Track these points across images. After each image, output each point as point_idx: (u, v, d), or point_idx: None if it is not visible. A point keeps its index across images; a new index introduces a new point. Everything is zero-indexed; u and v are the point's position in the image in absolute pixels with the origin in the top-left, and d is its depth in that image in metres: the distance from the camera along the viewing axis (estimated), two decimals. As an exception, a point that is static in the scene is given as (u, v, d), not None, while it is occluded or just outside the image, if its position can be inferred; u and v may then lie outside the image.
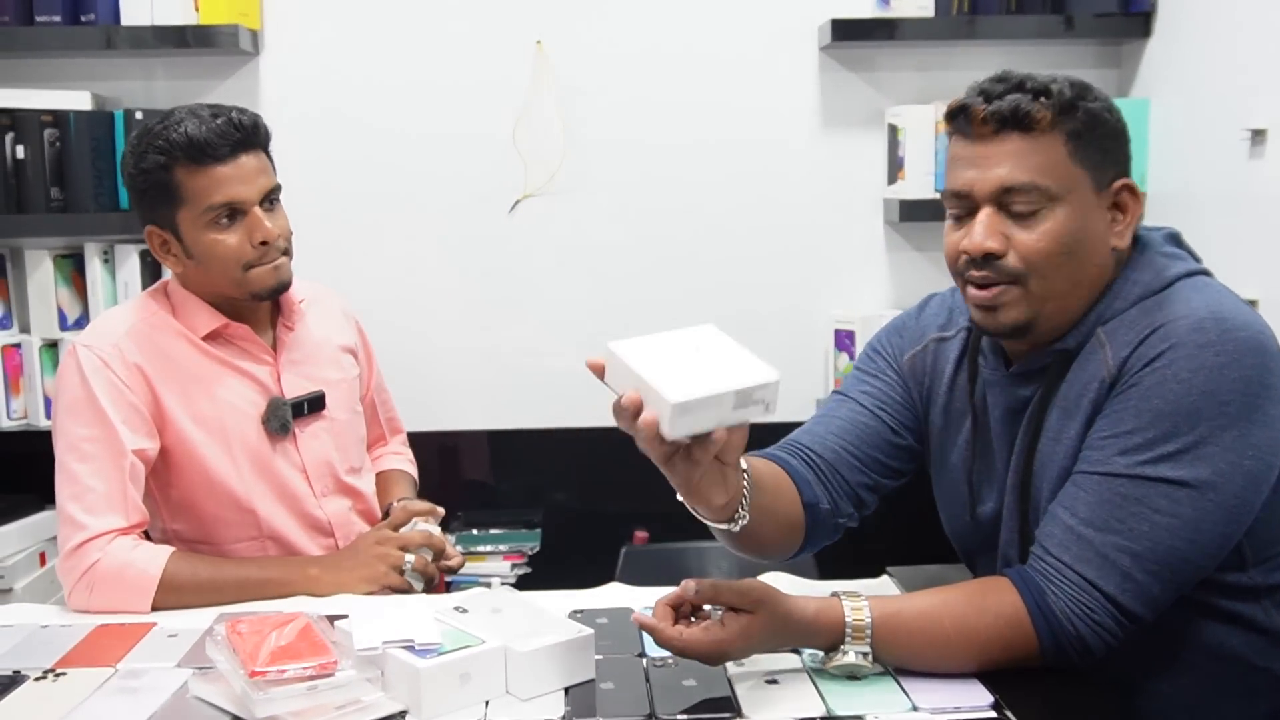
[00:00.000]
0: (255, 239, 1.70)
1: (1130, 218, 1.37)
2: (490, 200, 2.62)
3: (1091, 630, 1.27)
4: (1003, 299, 1.35)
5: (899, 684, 1.29)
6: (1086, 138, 1.33)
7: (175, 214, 1.70)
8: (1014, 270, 1.34)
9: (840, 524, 1.55)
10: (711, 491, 1.29)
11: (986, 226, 1.34)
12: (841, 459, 1.54)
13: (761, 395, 1.17)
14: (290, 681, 1.20)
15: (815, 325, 2.67)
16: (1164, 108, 2.43)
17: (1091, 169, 1.34)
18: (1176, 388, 1.27)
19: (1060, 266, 1.34)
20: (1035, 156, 1.32)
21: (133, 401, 1.68)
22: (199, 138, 1.66)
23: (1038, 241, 1.33)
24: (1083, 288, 1.36)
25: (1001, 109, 1.32)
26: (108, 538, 1.61)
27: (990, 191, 1.33)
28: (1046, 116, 1.31)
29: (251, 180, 1.70)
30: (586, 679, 1.30)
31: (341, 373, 1.91)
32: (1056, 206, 1.33)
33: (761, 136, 2.63)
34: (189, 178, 1.68)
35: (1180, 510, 1.26)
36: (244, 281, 1.73)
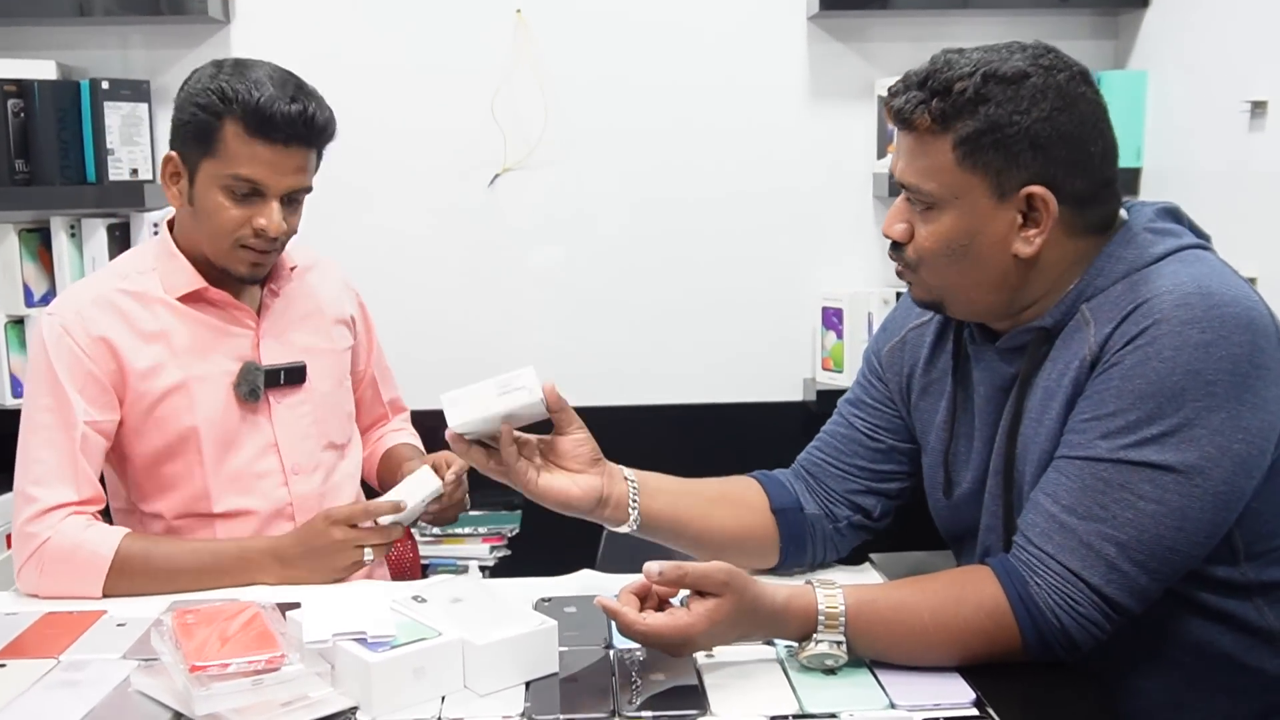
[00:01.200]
0: (256, 224, 1.63)
1: (1044, 226, 1.28)
2: (469, 174, 2.55)
3: (1076, 623, 1.22)
4: (908, 280, 1.38)
5: (876, 678, 1.23)
6: (982, 143, 1.26)
7: (201, 158, 1.63)
8: (909, 260, 1.35)
9: (843, 528, 1.54)
10: (553, 494, 1.36)
11: (894, 212, 1.35)
12: (824, 470, 1.56)
13: (520, 382, 1.30)
14: (233, 677, 1.14)
15: (803, 303, 2.61)
16: (1162, 79, 2.37)
17: (990, 175, 1.27)
18: (1159, 366, 1.21)
19: (947, 267, 1.32)
20: (922, 159, 1.29)
21: (91, 371, 1.62)
22: (267, 111, 1.58)
23: (924, 240, 1.32)
24: (985, 286, 1.33)
25: (893, 105, 1.30)
26: (59, 513, 1.55)
27: (897, 180, 1.33)
28: (925, 122, 1.27)
29: (286, 173, 1.63)
30: (549, 673, 1.24)
31: (330, 343, 1.83)
32: (943, 210, 1.30)
33: (748, 109, 2.56)
34: (235, 139, 1.60)
35: (1166, 497, 1.20)
36: (224, 255, 1.66)
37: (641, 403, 2.62)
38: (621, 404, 2.60)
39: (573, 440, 1.39)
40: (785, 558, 1.53)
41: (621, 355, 2.63)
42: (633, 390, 2.62)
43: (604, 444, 1.52)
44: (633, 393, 2.62)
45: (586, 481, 1.39)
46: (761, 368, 2.63)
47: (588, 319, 2.62)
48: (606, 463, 1.43)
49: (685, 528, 1.47)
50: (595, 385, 2.61)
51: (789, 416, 2.60)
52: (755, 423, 2.62)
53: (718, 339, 2.63)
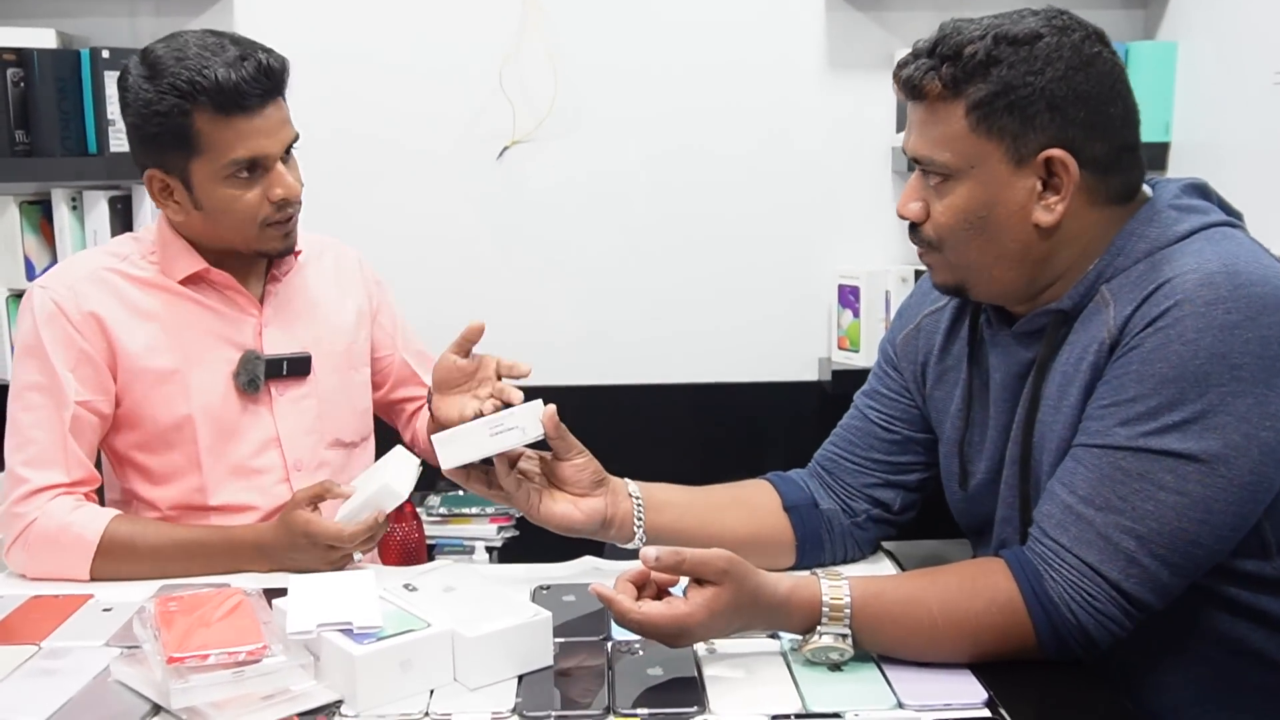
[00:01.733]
0: (275, 195, 1.57)
1: (1065, 192, 1.23)
2: (476, 147, 2.49)
3: (1094, 620, 1.16)
4: (929, 263, 1.33)
5: (883, 675, 1.18)
6: (996, 106, 1.21)
7: (189, 163, 1.55)
8: (928, 238, 1.30)
9: (861, 522, 1.50)
10: (555, 520, 1.36)
11: (909, 190, 1.30)
12: (840, 465, 1.52)
13: (513, 422, 1.30)
14: (212, 669, 1.10)
15: (819, 280, 2.54)
16: (1192, 51, 2.28)
17: (1006, 140, 1.22)
18: (1182, 349, 1.15)
19: (967, 242, 1.26)
20: (935, 128, 1.24)
21: (84, 349, 1.57)
22: (229, 85, 1.49)
23: (942, 215, 1.27)
24: (1004, 261, 1.27)
25: (901, 75, 1.26)
26: (48, 494, 1.52)
27: (909, 156, 1.28)
28: (936, 88, 1.22)
29: (276, 133, 1.56)
30: (542, 666, 1.20)
31: (339, 335, 1.75)
32: (959, 181, 1.24)
33: (764, 80, 2.49)
34: (211, 127, 1.52)
35: (1188, 487, 1.14)
36: (255, 239, 1.60)
37: (653, 382, 2.57)
38: (633, 383, 2.55)
39: (574, 466, 1.37)
40: (802, 556, 1.48)
41: (633, 333, 2.57)
42: (645, 369, 2.57)
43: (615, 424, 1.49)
44: (645, 371, 2.57)
45: (589, 505, 1.37)
46: (776, 347, 2.57)
47: (599, 295, 2.56)
48: (611, 481, 1.40)
49: (694, 539, 1.40)
50: (606, 364, 2.58)
51: (804, 396, 2.54)
52: (770, 403, 2.57)
53: (732, 317, 2.57)
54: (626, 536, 1.40)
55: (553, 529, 1.37)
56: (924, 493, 1.52)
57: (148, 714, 1.12)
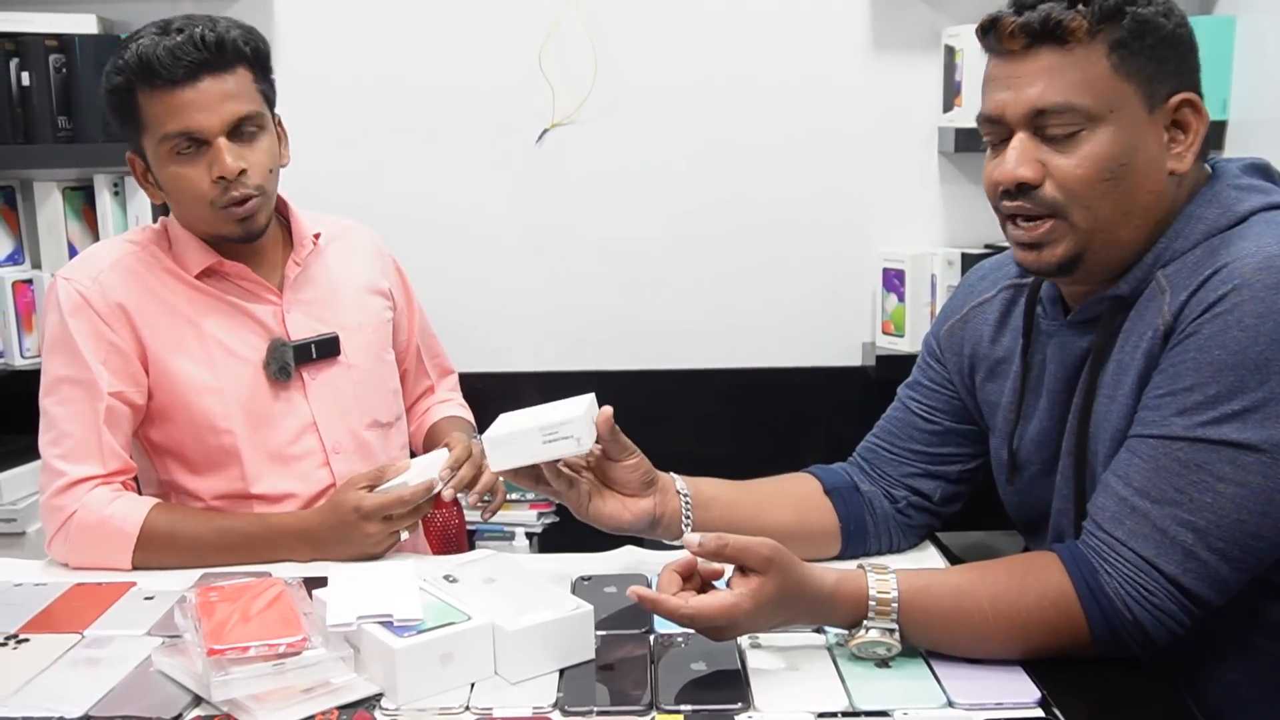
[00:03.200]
0: (212, 174, 1.54)
1: (1193, 138, 1.20)
2: (516, 129, 2.46)
3: (1151, 615, 1.12)
4: (1048, 235, 1.22)
5: (932, 672, 1.15)
6: (1134, 47, 1.17)
7: (141, 140, 1.57)
8: (1052, 201, 1.20)
9: (903, 508, 1.48)
10: (605, 519, 1.34)
11: (1020, 153, 1.20)
12: (879, 455, 1.51)
13: (568, 430, 1.26)
14: (253, 661, 1.09)
15: (863, 264, 2.50)
16: (1251, 26, 2.22)
17: (1142, 83, 1.18)
18: (1240, 336, 1.11)
19: (1105, 195, 1.19)
20: (1072, 72, 1.17)
21: (113, 341, 1.57)
22: (149, 56, 1.49)
23: (1076, 168, 1.18)
24: (1135, 217, 1.21)
25: (1032, 20, 1.18)
26: (86, 485, 1.52)
27: (1023, 114, 1.20)
28: (1082, 26, 1.16)
29: (212, 107, 1.52)
30: (584, 660, 1.18)
31: (364, 316, 1.75)
32: (1098, 127, 1.18)
33: (807, 59, 2.44)
34: (147, 101, 1.53)
35: (1248, 478, 1.10)
36: (210, 222, 1.58)
37: (694, 367, 2.54)
38: (673, 368, 2.52)
39: (625, 468, 1.35)
40: (847, 542, 1.46)
41: (675, 317, 2.54)
42: (686, 354, 2.54)
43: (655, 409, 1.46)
44: (686, 356, 2.54)
45: (638, 506, 1.35)
46: (820, 331, 2.53)
47: (640, 279, 2.54)
48: (660, 479, 1.38)
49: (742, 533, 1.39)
50: (648, 349, 2.56)
51: (848, 382, 2.50)
52: (813, 388, 2.53)
53: (774, 301, 2.53)
54: (675, 534, 1.38)
55: (603, 528, 1.36)
56: (967, 485, 1.49)
57: (189, 705, 1.11)
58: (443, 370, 1.99)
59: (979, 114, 1.25)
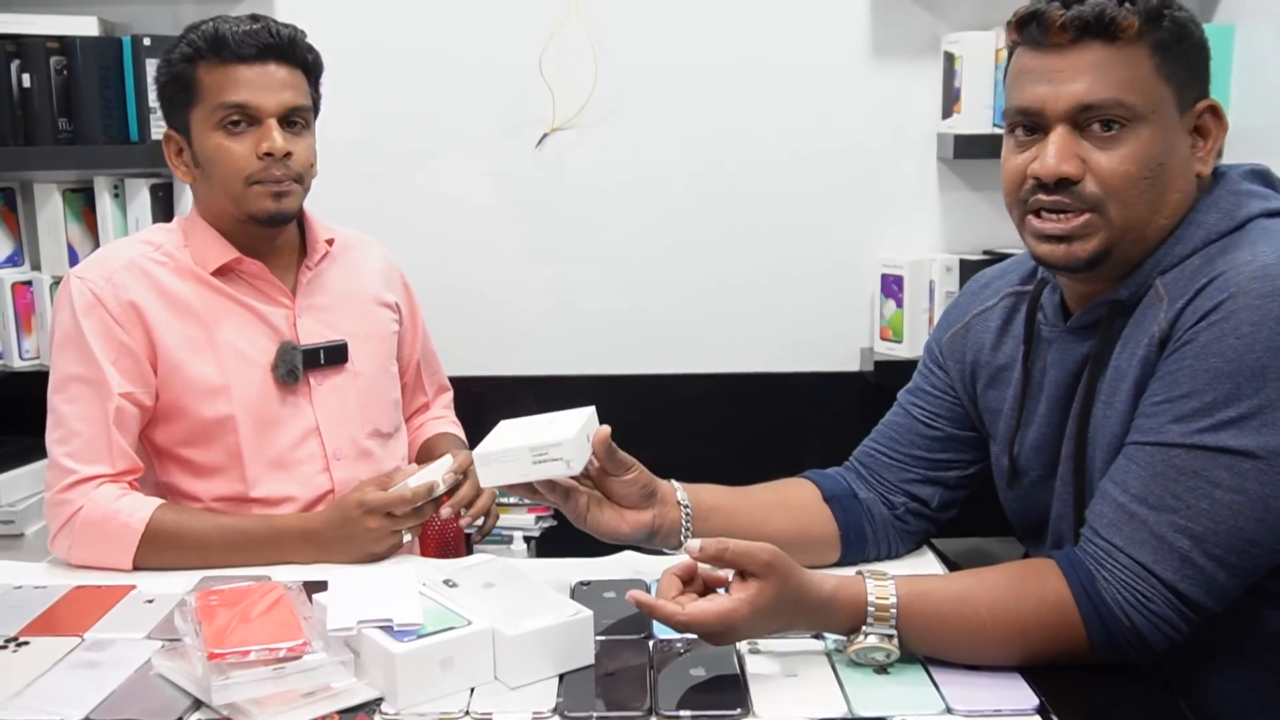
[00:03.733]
0: (261, 149, 1.59)
1: (1212, 143, 1.23)
2: (516, 134, 2.47)
3: (1148, 622, 1.13)
4: (1082, 230, 1.22)
5: (931, 679, 1.15)
6: (1174, 51, 1.19)
7: (189, 112, 1.62)
8: (1092, 197, 1.20)
9: (901, 515, 1.48)
10: (602, 530, 1.35)
11: (1060, 148, 1.20)
12: (878, 461, 1.50)
13: (558, 453, 1.25)
14: (253, 665, 1.09)
15: (861, 269, 2.50)
16: (1250, 34, 2.22)
17: (1177, 86, 1.20)
18: (1237, 343, 1.11)
19: (1143, 193, 1.20)
20: (1120, 69, 1.18)
21: (124, 341, 1.58)
22: (227, 34, 1.58)
23: (1120, 165, 1.19)
24: (1163, 216, 1.22)
25: (1084, 14, 1.18)
26: (94, 483, 1.53)
27: (1066, 109, 1.20)
28: (1134, 24, 1.17)
29: (272, 90, 1.60)
30: (584, 664, 1.18)
31: (372, 326, 1.77)
32: (1140, 126, 1.19)
33: (807, 64, 2.45)
34: (209, 73, 1.59)
35: (1245, 485, 1.11)
36: (242, 198, 1.61)
37: (692, 371, 2.54)
38: (672, 372, 2.52)
39: (623, 483, 1.35)
40: (846, 549, 1.46)
41: (674, 322, 2.54)
42: (685, 358, 2.54)
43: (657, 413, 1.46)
44: (685, 361, 2.54)
45: (635, 518, 1.36)
46: (818, 336, 2.53)
47: (639, 284, 2.54)
48: (660, 490, 1.38)
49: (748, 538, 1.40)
50: (647, 353, 2.56)
51: (846, 387, 2.51)
52: (811, 393, 2.53)
53: (773, 307, 2.53)
54: (674, 545, 1.39)
55: (603, 538, 1.36)
56: (965, 492, 1.50)
57: (189, 709, 1.11)
58: (440, 387, 2.01)
59: (1009, 106, 1.25)
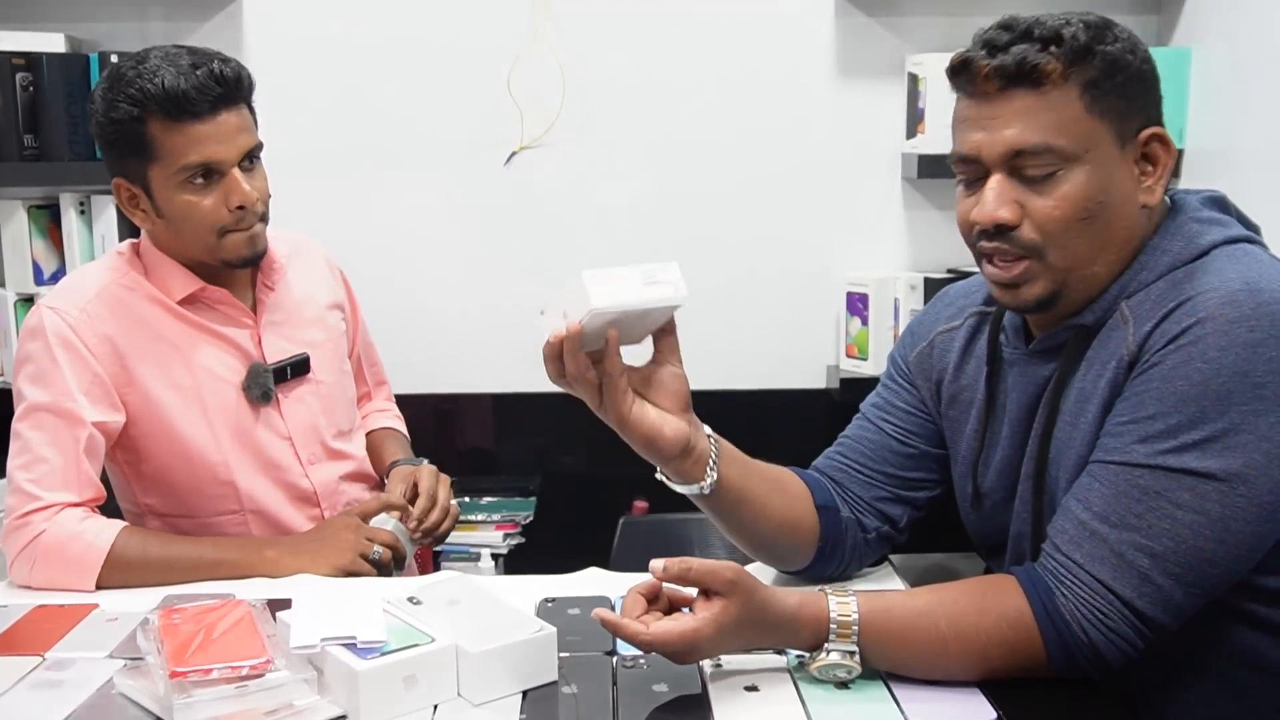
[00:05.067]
0: (232, 203, 1.58)
1: (1161, 170, 1.24)
2: (485, 152, 2.48)
3: (1106, 638, 1.14)
4: (1024, 275, 1.24)
5: (891, 694, 1.16)
6: (1105, 86, 1.19)
7: (147, 170, 1.58)
8: (1030, 243, 1.22)
9: (870, 539, 1.46)
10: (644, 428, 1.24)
11: (997, 195, 1.22)
12: (850, 477, 1.47)
13: (666, 275, 1.20)
14: (216, 683, 1.09)
15: (827, 288, 2.53)
16: (1207, 57, 2.26)
17: (1114, 120, 1.21)
18: (1204, 368, 1.13)
19: (1081, 234, 1.21)
20: (1048, 114, 1.19)
21: (97, 371, 1.58)
22: (176, 91, 1.52)
23: (1055, 209, 1.20)
24: (1110, 251, 1.23)
25: (1006, 64, 1.19)
26: (56, 509, 1.52)
27: (999, 155, 1.21)
28: (1057, 69, 1.18)
29: (231, 139, 1.57)
30: (547, 681, 1.19)
31: (327, 332, 1.80)
32: (1074, 167, 1.20)
33: (773, 86, 2.48)
34: (164, 133, 1.55)
35: (1207, 506, 1.13)
36: (217, 248, 1.61)
37: (661, 388, 2.55)
38: (640, 389, 2.53)
39: (671, 373, 1.27)
40: (816, 559, 1.43)
41: (641, 339, 2.56)
42: (652, 375, 2.55)
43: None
44: (652, 377, 2.55)
45: (677, 424, 1.26)
46: (784, 354, 2.56)
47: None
48: (693, 415, 1.30)
49: (748, 506, 1.37)
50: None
51: (812, 404, 2.53)
52: (777, 410, 2.55)
53: (739, 324, 2.55)
54: (697, 476, 1.30)
55: (633, 438, 1.25)
56: (925, 513, 1.49)
57: (150, 728, 1.11)
58: (379, 380, 2.03)
59: (952, 153, 1.27)
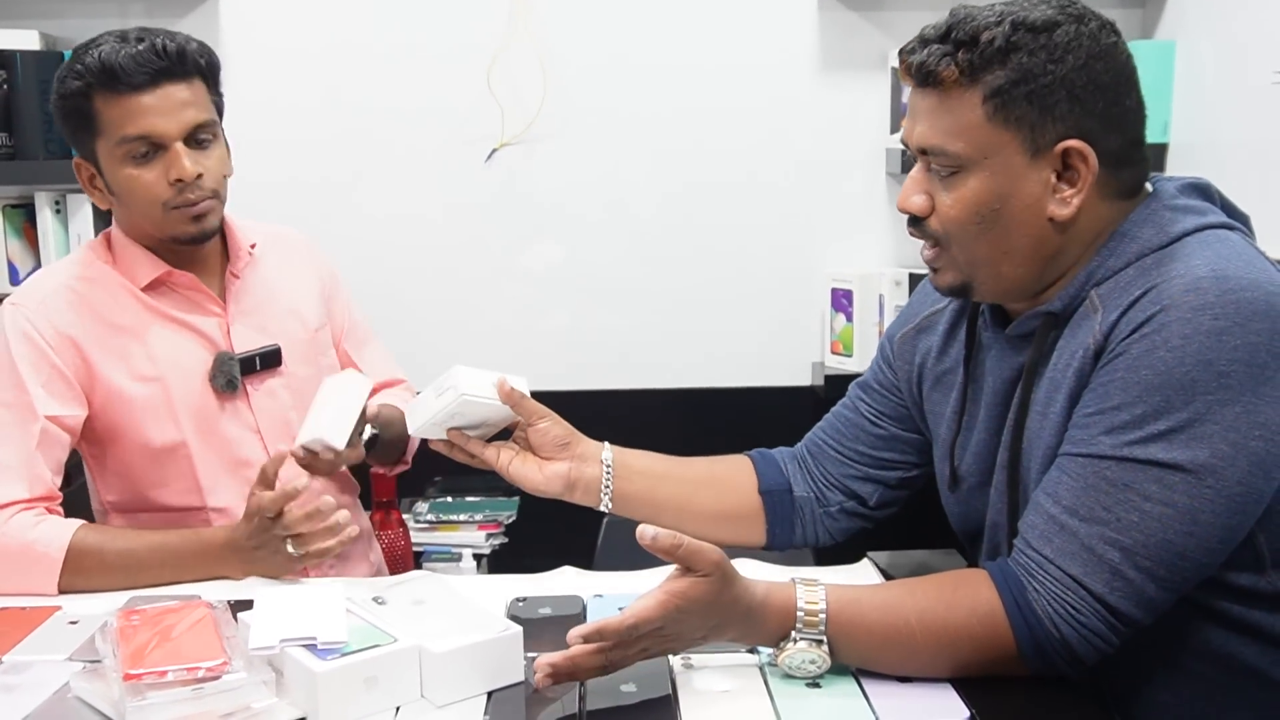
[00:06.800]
0: (170, 175, 1.56)
1: (1082, 185, 1.19)
2: (464, 149, 2.46)
3: (1077, 634, 1.12)
4: (935, 261, 1.28)
5: (863, 691, 1.14)
6: (1014, 94, 1.16)
7: (94, 144, 1.58)
8: (935, 234, 1.25)
9: (834, 513, 1.51)
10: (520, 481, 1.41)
11: (912, 183, 1.26)
12: (824, 452, 1.52)
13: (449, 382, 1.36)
14: (171, 686, 1.07)
15: (811, 284, 2.51)
16: (1191, 50, 2.25)
17: (1022, 130, 1.18)
18: (1168, 356, 1.11)
19: (977, 237, 1.22)
20: (946, 117, 1.19)
21: (56, 365, 1.55)
22: (113, 63, 1.52)
23: (950, 208, 1.22)
24: (1018, 256, 1.23)
25: (912, 62, 1.20)
26: (8, 512, 1.48)
27: (915, 146, 1.24)
28: (953, 75, 1.17)
29: (173, 113, 1.55)
30: (513, 682, 1.16)
31: (302, 323, 1.75)
32: (972, 172, 1.20)
33: (755, 80, 2.45)
34: (105, 106, 1.54)
35: (1174, 498, 1.11)
36: (163, 222, 1.59)
37: (645, 386, 2.53)
38: (624, 388, 2.52)
39: (537, 430, 1.42)
40: (772, 539, 1.51)
41: (624, 337, 2.54)
42: (635, 374, 2.54)
43: (606, 429, 1.47)
44: (635, 376, 2.53)
45: (552, 469, 1.42)
46: (769, 351, 2.54)
47: (589, 300, 2.53)
48: (582, 446, 1.44)
49: (661, 511, 1.46)
50: (597, 368, 2.55)
51: (797, 401, 2.50)
52: (762, 407, 2.53)
53: (723, 321, 2.53)
54: (592, 502, 1.43)
55: (522, 489, 1.42)
56: (905, 492, 1.50)
57: (105, 732, 1.09)
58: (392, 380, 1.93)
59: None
